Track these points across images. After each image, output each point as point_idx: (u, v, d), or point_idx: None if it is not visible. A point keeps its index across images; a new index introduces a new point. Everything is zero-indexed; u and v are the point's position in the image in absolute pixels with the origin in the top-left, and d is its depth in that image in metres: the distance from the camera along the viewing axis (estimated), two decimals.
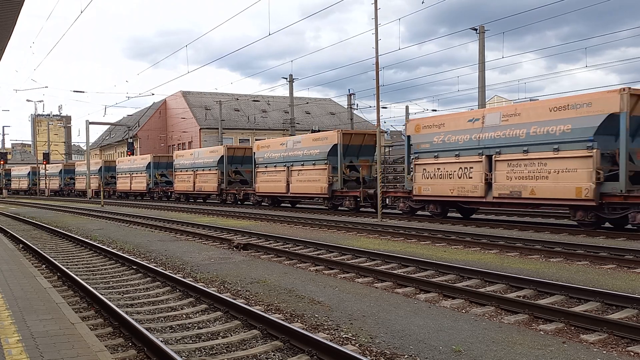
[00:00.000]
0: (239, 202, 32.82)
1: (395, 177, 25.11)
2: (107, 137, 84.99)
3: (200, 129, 60.64)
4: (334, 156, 24.59)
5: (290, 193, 27.68)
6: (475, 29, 31.45)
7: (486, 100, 32.77)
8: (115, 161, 53.37)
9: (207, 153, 36.41)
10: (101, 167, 52.93)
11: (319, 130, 36.75)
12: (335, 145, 24.46)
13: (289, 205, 30.59)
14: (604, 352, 5.39)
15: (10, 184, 71.86)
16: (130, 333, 5.99)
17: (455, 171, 18.40)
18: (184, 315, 7.07)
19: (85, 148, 61.56)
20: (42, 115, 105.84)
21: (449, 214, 20.19)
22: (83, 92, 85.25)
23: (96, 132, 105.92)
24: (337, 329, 6.21)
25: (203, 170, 35.88)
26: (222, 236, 15.48)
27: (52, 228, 18.89)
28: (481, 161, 17.42)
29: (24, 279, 8.12)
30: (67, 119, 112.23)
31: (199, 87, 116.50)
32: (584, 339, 5.75)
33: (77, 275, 9.50)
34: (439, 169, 19.03)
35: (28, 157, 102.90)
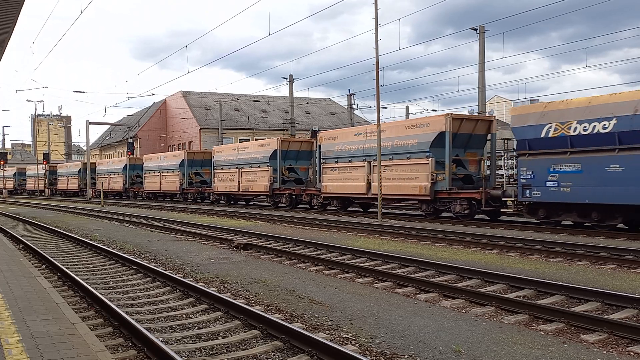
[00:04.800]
0: (198, 200, 37.48)
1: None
2: (107, 137, 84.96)
3: (200, 129, 60.65)
4: (275, 160, 28.41)
5: (241, 192, 31.51)
6: (476, 29, 31.45)
7: (486, 100, 32.74)
8: (95, 163, 56.11)
9: (170, 157, 40.59)
10: (80, 168, 54.35)
11: (318, 131, 37.19)
12: (276, 150, 28.34)
13: (244, 202, 33.98)
14: (604, 352, 5.39)
15: None
16: (130, 333, 5.99)
17: (349, 174, 22.99)
18: (184, 315, 7.06)
19: (85, 148, 61.59)
20: (42, 115, 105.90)
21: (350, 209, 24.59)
22: (83, 92, 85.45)
23: (96, 132, 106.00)
24: (337, 329, 6.21)
25: (167, 172, 40.05)
26: (222, 236, 15.48)
27: (52, 228, 18.89)
28: (364, 166, 22.11)
29: (24, 279, 8.12)
30: (67, 119, 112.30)
31: (201, 88, 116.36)
32: (584, 339, 5.75)
33: (77, 275, 9.50)
34: (338, 172, 23.61)
35: (28, 157, 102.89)
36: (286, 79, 45.14)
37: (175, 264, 11.17)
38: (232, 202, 33.47)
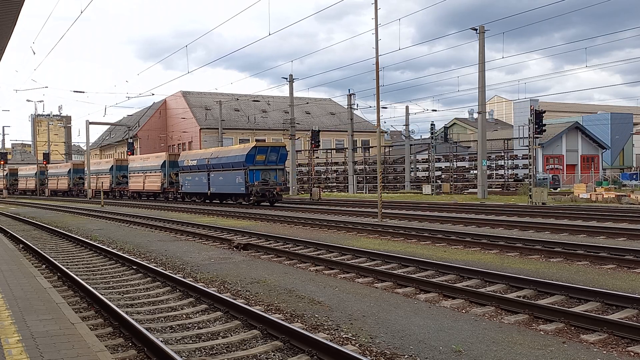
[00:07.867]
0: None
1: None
2: (107, 137, 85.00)
3: (200, 129, 60.70)
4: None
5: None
6: (475, 29, 31.42)
7: (487, 100, 32.74)
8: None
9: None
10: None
11: (318, 131, 37.46)
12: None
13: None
14: (604, 352, 5.39)
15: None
16: (130, 333, 5.99)
17: (138, 179, 45.00)
18: (184, 315, 7.07)
19: (85, 148, 61.48)
20: (42, 115, 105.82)
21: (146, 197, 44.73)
22: (83, 92, 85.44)
23: (96, 132, 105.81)
24: (337, 329, 6.22)
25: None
26: (222, 236, 15.48)
27: (52, 228, 18.90)
28: (142, 175, 43.94)
29: (24, 279, 8.12)
30: (67, 119, 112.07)
31: (203, 88, 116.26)
32: (584, 339, 5.75)
33: (77, 275, 9.50)
34: (135, 178, 45.51)
35: (28, 157, 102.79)
36: (286, 79, 45.17)
37: (175, 264, 11.18)
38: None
